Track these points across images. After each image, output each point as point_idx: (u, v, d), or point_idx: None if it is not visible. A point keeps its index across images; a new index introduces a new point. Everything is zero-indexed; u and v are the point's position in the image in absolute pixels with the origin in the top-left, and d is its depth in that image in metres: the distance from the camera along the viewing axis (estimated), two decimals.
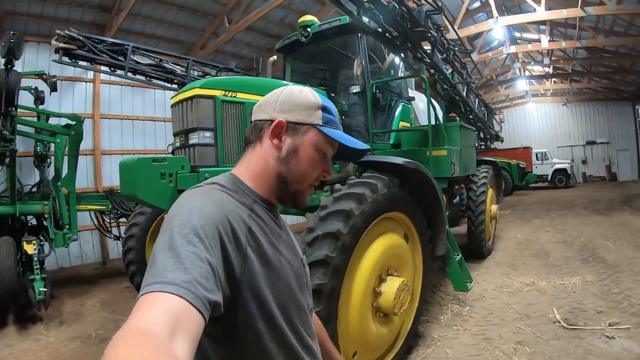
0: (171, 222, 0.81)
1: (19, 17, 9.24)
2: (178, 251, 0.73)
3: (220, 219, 0.84)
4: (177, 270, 0.70)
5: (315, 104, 1.05)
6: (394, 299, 2.80)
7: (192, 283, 0.68)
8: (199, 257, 0.73)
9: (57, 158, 6.89)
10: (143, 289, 0.68)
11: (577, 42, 13.90)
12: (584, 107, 25.81)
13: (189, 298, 0.66)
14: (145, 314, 0.62)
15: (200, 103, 3.87)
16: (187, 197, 0.92)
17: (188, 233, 0.77)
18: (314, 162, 1.05)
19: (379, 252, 2.92)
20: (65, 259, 9.33)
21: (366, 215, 2.70)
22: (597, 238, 7.89)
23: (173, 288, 0.66)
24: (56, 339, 4.65)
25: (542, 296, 4.89)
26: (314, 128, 1.04)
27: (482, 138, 8.80)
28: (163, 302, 0.64)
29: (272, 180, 1.04)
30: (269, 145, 1.03)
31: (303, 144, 1.03)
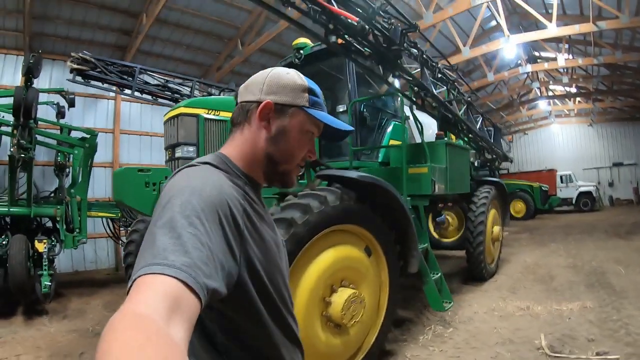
0: (170, 201, 0.80)
1: (47, 37, 9.92)
2: (179, 232, 0.72)
3: (220, 201, 0.84)
4: (177, 252, 0.69)
5: (302, 85, 1.07)
6: (341, 309, 2.84)
7: (192, 267, 0.68)
8: (199, 240, 0.73)
9: (74, 168, 7.59)
10: (141, 269, 0.66)
11: (595, 59, 13.58)
12: (610, 128, 24.98)
13: (190, 282, 0.66)
14: (144, 296, 0.61)
15: (185, 120, 4.17)
16: (184, 176, 0.92)
17: (190, 215, 0.76)
18: (301, 143, 1.08)
19: (329, 262, 2.95)
20: (81, 263, 10.01)
21: (310, 225, 2.75)
22: (609, 263, 7.54)
23: (174, 271, 0.65)
24: (56, 330, 5.17)
25: (534, 321, 4.70)
26: (301, 110, 1.06)
27: (489, 159, 8.63)
28: (162, 284, 0.63)
29: (261, 160, 1.06)
30: (258, 127, 1.05)
31: (291, 126, 1.06)
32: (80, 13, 9.58)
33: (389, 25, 3.76)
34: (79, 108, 10.19)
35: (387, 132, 5.51)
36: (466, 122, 6.22)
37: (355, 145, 4.89)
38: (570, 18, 13.19)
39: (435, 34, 13.12)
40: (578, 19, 12.23)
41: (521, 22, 15.49)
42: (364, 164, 5.07)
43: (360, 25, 3.46)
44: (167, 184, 0.91)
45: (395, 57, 4.02)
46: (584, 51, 15.75)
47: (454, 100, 5.91)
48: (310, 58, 5.39)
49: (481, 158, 8.25)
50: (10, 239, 5.93)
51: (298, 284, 2.79)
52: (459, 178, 5.67)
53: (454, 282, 6.79)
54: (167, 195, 0.83)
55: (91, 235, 9.49)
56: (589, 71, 18.27)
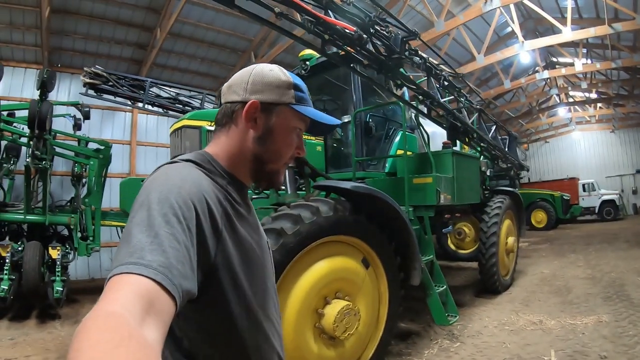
0: (148, 198, 0.78)
1: (65, 52, 10.32)
2: (156, 231, 0.71)
3: (198, 199, 0.83)
4: (154, 251, 0.68)
5: (287, 82, 1.04)
6: (333, 321, 2.79)
7: (169, 268, 0.67)
8: (176, 239, 0.72)
9: (89, 178, 7.79)
10: (117, 267, 0.65)
11: (613, 63, 13.24)
12: (633, 133, 24.09)
13: (165, 283, 0.65)
14: (119, 296, 0.60)
15: (188, 132, 4.24)
16: (163, 173, 0.88)
17: (167, 212, 0.75)
18: (289, 141, 1.06)
19: (323, 274, 2.91)
20: (97, 270, 10.40)
21: (301, 236, 2.72)
22: (629, 274, 7.24)
23: (150, 272, 0.64)
24: (67, 334, 5.34)
25: (545, 336, 4.52)
26: (287, 107, 1.03)
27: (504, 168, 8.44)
28: (137, 284, 0.62)
29: (248, 161, 1.03)
30: (244, 127, 1.02)
31: (278, 124, 1.03)
32: (97, 28, 9.90)
33: (388, 33, 3.72)
34: (96, 120, 10.56)
35: (394, 141, 5.47)
36: (477, 130, 6.10)
37: (359, 156, 4.85)
38: (586, 21, 12.92)
39: (449, 42, 13.05)
40: (594, 22, 11.97)
41: (537, 28, 15.27)
42: (369, 175, 5.02)
43: (358, 34, 3.43)
44: (147, 180, 0.88)
45: (396, 65, 3.97)
46: (602, 55, 15.41)
47: (464, 108, 5.80)
48: (316, 69, 5.43)
49: (495, 167, 8.06)
50: (26, 245, 6.13)
51: (289, 294, 2.76)
52: (468, 188, 5.55)
53: (466, 294, 6.63)
54: (145, 192, 0.81)
55: (108, 244, 9.75)
56: (608, 75, 17.82)
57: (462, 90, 5.67)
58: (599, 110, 22.55)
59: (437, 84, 5.02)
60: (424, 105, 4.89)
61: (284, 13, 3.04)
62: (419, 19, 12.02)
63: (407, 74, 4.49)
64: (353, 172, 4.66)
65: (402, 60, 3.98)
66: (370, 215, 3.26)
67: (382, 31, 3.69)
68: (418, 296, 4.65)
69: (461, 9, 11.87)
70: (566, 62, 16.46)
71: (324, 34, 3.27)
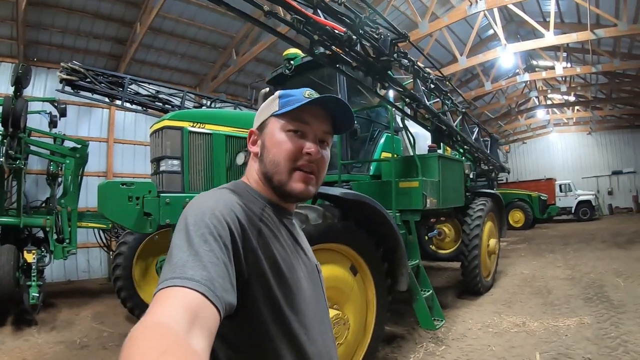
0: (186, 222, 0.83)
1: (42, 46, 9.92)
2: (196, 249, 0.75)
3: (231, 218, 0.87)
4: (196, 267, 0.71)
5: (273, 98, 1.09)
6: None
7: (211, 281, 0.70)
8: (215, 255, 0.75)
9: (65, 177, 7.44)
10: (161, 283, 0.69)
11: (593, 67, 13.53)
12: (609, 136, 24.94)
13: (209, 295, 0.68)
14: (165, 308, 0.63)
15: (169, 133, 4.08)
16: (199, 199, 0.95)
17: (204, 232, 0.79)
18: (282, 145, 1.02)
19: None
20: (74, 272, 10.07)
21: None
22: (608, 274, 7.39)
23: (193, 284, 0.68)
24: (44, 341, 5.11)
25: (529, 338, 4.54)
26: (273, 117, 1.06)
27: (486, 170, 8.52)
28: (182, 296, 0.66)
29: (264, 181, 1.06)
30: (252, 154, 1.10)
31: (267, 136, 1.06)
32: (75, 22, 9.57)
33: (378, 35, 3.66)
34: (73, 117, 10.22)
35: (379, 144, 5.42)
36: (461, 133, 6.11)
37: (344, 158, 4.79)
38: (568, 26, 13.18)
39: (431, 43, 13.10)
40: (576, 27, 12.20)
41: (519, 31, 15.49)
42: (354, 177, 4.96)
43: (347, 35, 3.37)
44: (185, 208, 0.93)
45: (385, 67, 3.92)
46: (582, 59, 15.74)
47: (449, 111, 5.80)
48: (300, 68, 5.33)
49: (477, 169, 8.12)
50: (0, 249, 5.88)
51: None
52: (453, 191, 5.56)
53: (448, 296, 6.65)
54: (183, 217, 0.87)
55: (84, 245, 9.53)
56: (587, 79, 18.27)
57: (447, 93, 5.66)
58: (576, 113, 23.12)
59: (424, 86, 4.99)
60: (409, 107, 4.86)
61: (273, 12, 2.95)
62: (403, 19, 12.02)
63: (394, 76, 4.45)
64: (339, 175, 4.59)
65: (390, 62, 3.93)
66: (358, 221, 3.20)
67: (372, 33, 3.62)
68: (402, 298, 4.63)
69: (445, 10, 11.94)
70: (546, 66, 16.79)
71: (313, 34, 3.18)
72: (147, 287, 5.77)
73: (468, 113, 7.04)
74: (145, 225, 3.93)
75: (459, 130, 6.10)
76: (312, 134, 1.05)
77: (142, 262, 5.83)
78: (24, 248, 6.12)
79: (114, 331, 5.45)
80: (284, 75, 5.50)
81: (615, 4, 10.83)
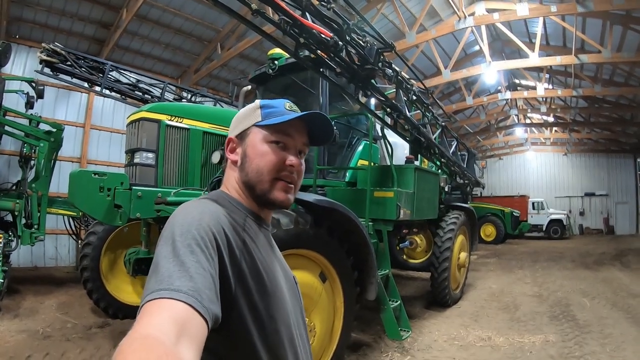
0: (172, 232, 0.82)
1: (25, 23, 9.61)
2: (182, 260, 0.74)
3: (217, 230, 0.86)
4: (182, 277, 0.71)
5: (253, 107, 1.09)
6: None
7: (198, 292, 0.69)
8: (202, 266, 0.75)
9: (38, 161, 7.26)
10: (148, 295, 0.68)
11: (574, 91, 13.88)
12: (584, 158, 25.68)
13: (196, 306, 0.67)
14: (152, 320, 0.62)
15: (145, 126, 4.00)
16: (183, 209, 0.93)
17: (191, 243, 0.78)
18: (265, 155, 1.03)
19: None
20: (41, 259, 9.78)
21: None
22: (574, 294, 7.57)
23: (181, 295, 0.67)
24: (5, 329, 4.97)
25: (494, 353, 4.59)
26: (255, 127, 1.06)
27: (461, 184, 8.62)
28: (169, 308, 0.65)
29: (244, 190, 1.06)
30: (230, 161, 1.09)
31: (249, 145, 1.05)
32: (61, 1, 9.31)
33: (364, 43, 3.65)
34: (50, 98, 9.95)
35: (356, 151, 5.42)
36: (439, 146, 6.17)
37: (320, 163, 4.77)
38: (553, 49, 13.47)
39: (417, 55, 13.23)
40: (560, 51, 12.50)
41: (504, 49, 15.79)
42: (329, 183, 4.94)
43: (334, 41, 3.35)
44: (169, 218, 0.91)
45: (368, 76, 3.91)
46: (564, 82, 16.12)
47: (428, 123, 5.85)
48: (284, 69, 5.27)
49: (453, 183, 8.22)
50: None
51: None
52: (427, 204, 5.59)
53: (416, 305, 6.69)
54: (168, 227, 0.85)
55: (53, 231, 9.30)
56: (567, 102, 18.72)
57: (429, 106, 5.71)
58: (554, 134, 23.72)
59: (406, 97, 5.01)
60: (390, 117, 4.87)
61: (261, 11, 2.91)
62: (390, 28, 12.09)
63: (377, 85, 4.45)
64: (314, 180, 4.56)
65: (375, 71, 3.92)
66: (331, 228, 3.17)
67: (359, 40, 3.62)
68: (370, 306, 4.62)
69: (433, 22, 12.07)
70: (528, 85, 17.16)
71: (300, 37, 3.15)
72: (114, 279, 5.62)
73: (447, 127, 7.12)
74: (115, 217, 3.83)
75: (437, 143, 6.16)
76: (293, 147, 1.07)
77: (110, 253, 5.67)
78: None
79: (78, 323, 5.29)
80: (266, 74, 5.43)
81: (601, 31, 11.13)
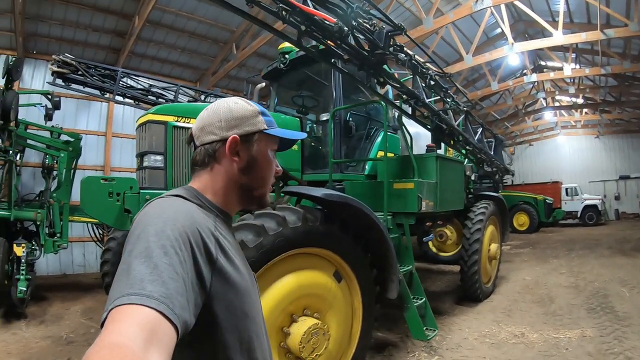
0: (145, 231, 0.80)
1: (41, 38, 9.81)
2: (155, 262, 0.72)
3: (192, 231, 0.84)
4: (155, 282, 0.69)
5: (255, 111, 1.10)
6: (300, 342, 2.54)
7: (169, 298, 0.68)
8: (175, 270, 0.73)
9: (59, 171, 7.38)
10: (118, 299, 0.65)
11: (602, 69, 13.20)
12: (617, 140, 24.42)
13: (167, 313, 0.66)
14: (121, 327, 0.61)
15: (152, 128, 3.99)
16: (156, 206, 0.91)
17: (165, 244, 0.76)
18: (270, 164, 1.12)
19: (289, 289, 2.65)
20: (69, 266, 10.03)
21: (265, 249, 2.44)
22: (613, 283, 7.14)
23: (152, 302, 0.65)
24: (31, 335, 5.12)
25: (528, 351, 4.31)
26: (262, 134, 1.09)
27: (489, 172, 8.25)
28: (139, 315, 0.63)
29: (235, 192, 1.07)
30: (229, 162, 1.05)
31: (258, 152, 1.08)
32: (74, 14, 9.45)
33: (372, 27, 3.44)
34: (71, 110, 10.17)
35: (376, 142, 5.21)
36: (463, 133, 5.86)
37: (337, 157, 4.58)
38: (578, 26, 12.86)
39: (437, 41, 12.84)
40: (585, 27, 11.87)
41: (527, 30, 15.18)
42: (348, 177, 4.75)
43: (338, 26, 3.15)
44: (139, 214, 0.91)
45: (380, 62, 3.69)
46: (592, 61, 15.39)
47: (450, 109, 5.56)
48: (295, 63, 5.16)
49: (480, 171, 7.87)
50: None
51: None
52: (452, 194, 5.32)
53: (446, 302, 6.43)
54: (140, 225, 0.83)
55: (80, 239, 9.54)
56: (596, 82, 17.89)
57: (449, 90, 5.41)
58: (584, 116, 22.70)
59: (423, 83, 4.76)
60: (408, 105, 4.62)
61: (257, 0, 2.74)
62: (408, 16, 11.78)
63: (391, 71, 4.23)
64: (329, 175, 4.37)
65: (385, 56, 3.70)
66: (345, 224, 2.98)
67: (365, 24, 3.40)
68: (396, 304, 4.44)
69: (451, 7, 11.66)
70: (555, 66, 16.44)
71: (301, 25, 2.97)
72: None
73: (471, 113, 6.78)
74: (126, 222, 3.79)
75: (461, 130, 5.86)
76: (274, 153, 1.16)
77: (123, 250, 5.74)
78: (14, 241, 6.00)
79: None
80: (279, 69, 5.33)
81: (626, 4, 10.53)
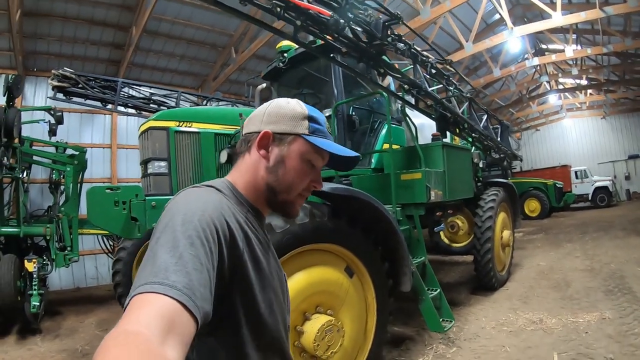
0: (172, 220, 0.79)
1: (40, 55, 9.87)
2: (181, 252, 0.72)
3: (220, 222, 0.84)
4: (178, 272, 0.68)
5: (302, 114, 1.05)
6: (314, 340, 2.50)
7: (192, 290, 0.67)
8: (200, 261, 0.73)
9: (66, 185, 7.42)
10: (141, 286, 0.65)
11: (604, 48, 13.02)
12: (624, 119, 23.99)
13: (189, 305, 0.65)
14: (140, 315, 0.61)
15: (154, 135, 3.96)
16: (186, 196, 0.91)
17: (191, 234, 0.76)
18: (301, 172, 1.04)
19: (301, 287, 2.61)
20: (82, 279, 10.07)
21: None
22: (629, 264, 7.00)
23: (174, 292, 0.65)
24: (47, 350, 5.12)
25: (547, 337, 4.25)
26: (300, 138, 1.03)
27: (497, 159, 8.17)
28: (160, 304, 0.63)
29: (263, 189, 1.04)
30: (257, 156, 1.04)
31: (289, 154, 1.03)
32: (71, 29, 9.50)
33: (368, 17, 3.39)
34: (75, 124, 10.24)
35: (380, 135, 5.16)
36: (468, 120, 5.79)
37: None
38: (576, 6, 12.69)
39: (436, 31, 12.75)
40: (584, 7, 11.72)
41: (525, 14, 15.04)
42: (354, 172, 4.71)
43: (334, 19, 3.11)
44: (170, 202, 0.90)
45: (378, 52, 3.65)
46: (593, 40, 15.21)
47: (453, 97, 5.49)
48: (295, 60, 5.12)
49: (488, 158, 7.78)
50: (1, 258, 5.86)
51: None
52: (460, 182, 5.25)
53: (461, 292, 6.37)
54: (168, 214, 0.83)
55: (92, 252, 9.61)
56: (598, 61, 17.68)
57: (450, 78, 5.35)
58: (589, 97, 22.47)
59: (424, 72, 4.70)
60: (411, 95, 4.57)
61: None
62: (404, 7, 11.69)
63: (391, 62, 4.18)
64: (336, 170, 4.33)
65: (384, 46, 3.66)
66: (354, 218, 2.94)
67: (362, 15, 3.36)
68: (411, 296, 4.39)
69: None
70: (556, 49, 16.26)
71: (297, 20, 2.94)
72: None
73: (475, 100, 6.70)
74: (133, 230, 3.77)
75: (466, 117, 5.79)
76: (319, 167, 1.08)
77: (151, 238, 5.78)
78: (25, 257, 6.04)
79: None
80: (278, 69, 5.30)
81: None
